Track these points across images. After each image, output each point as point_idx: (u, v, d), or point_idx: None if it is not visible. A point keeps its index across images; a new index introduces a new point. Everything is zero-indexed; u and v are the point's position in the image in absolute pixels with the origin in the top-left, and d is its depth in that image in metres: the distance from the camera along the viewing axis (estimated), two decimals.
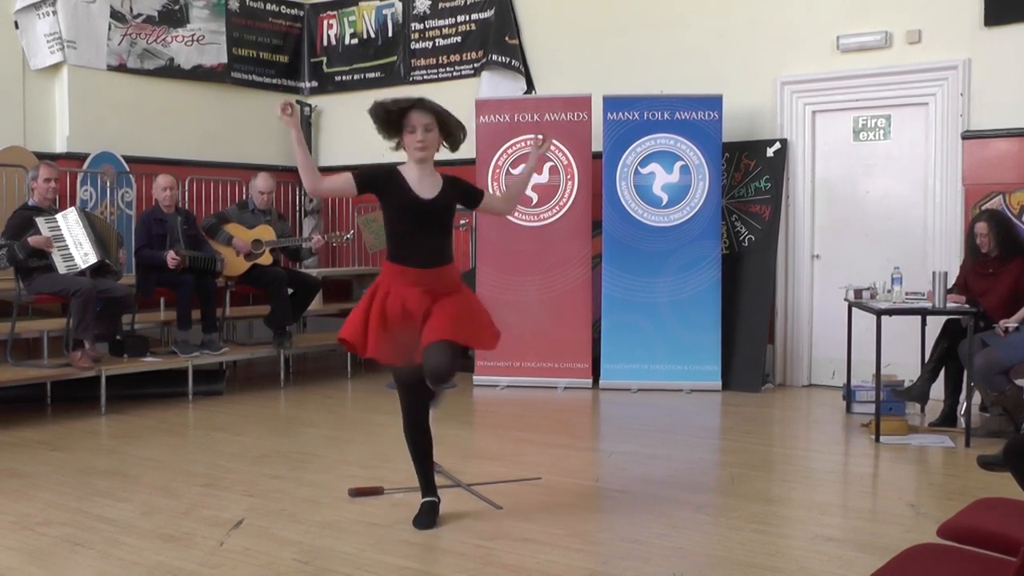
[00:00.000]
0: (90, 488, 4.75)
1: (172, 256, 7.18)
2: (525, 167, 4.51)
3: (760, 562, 3.66)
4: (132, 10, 8.77)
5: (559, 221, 7.85)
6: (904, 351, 6.79)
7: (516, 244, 7.81)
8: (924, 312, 6.08)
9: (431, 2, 9.56)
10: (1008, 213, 6.73)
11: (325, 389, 7.87)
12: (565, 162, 7.79)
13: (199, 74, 9.34)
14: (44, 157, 7.67)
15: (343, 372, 8.44)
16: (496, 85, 9.04)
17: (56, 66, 8.33)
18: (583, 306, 7.78)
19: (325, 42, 10.23)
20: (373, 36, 9.95)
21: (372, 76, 9.95)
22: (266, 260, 7.75)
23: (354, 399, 7.64)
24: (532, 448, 5.70)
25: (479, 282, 7.84)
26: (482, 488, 4.54)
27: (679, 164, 7.67)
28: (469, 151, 8.06)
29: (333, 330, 9.24)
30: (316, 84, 10.31)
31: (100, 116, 8.52)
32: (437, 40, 9.54)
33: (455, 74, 9.42)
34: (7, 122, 8.06)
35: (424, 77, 9.59)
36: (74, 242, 6.64)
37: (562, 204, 7.84)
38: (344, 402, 7.56)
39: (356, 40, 10.05)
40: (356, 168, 4.51)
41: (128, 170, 8.59)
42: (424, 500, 4.15)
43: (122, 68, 8.72)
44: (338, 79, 10.18)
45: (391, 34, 9.84)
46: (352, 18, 10.07)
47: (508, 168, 7.92)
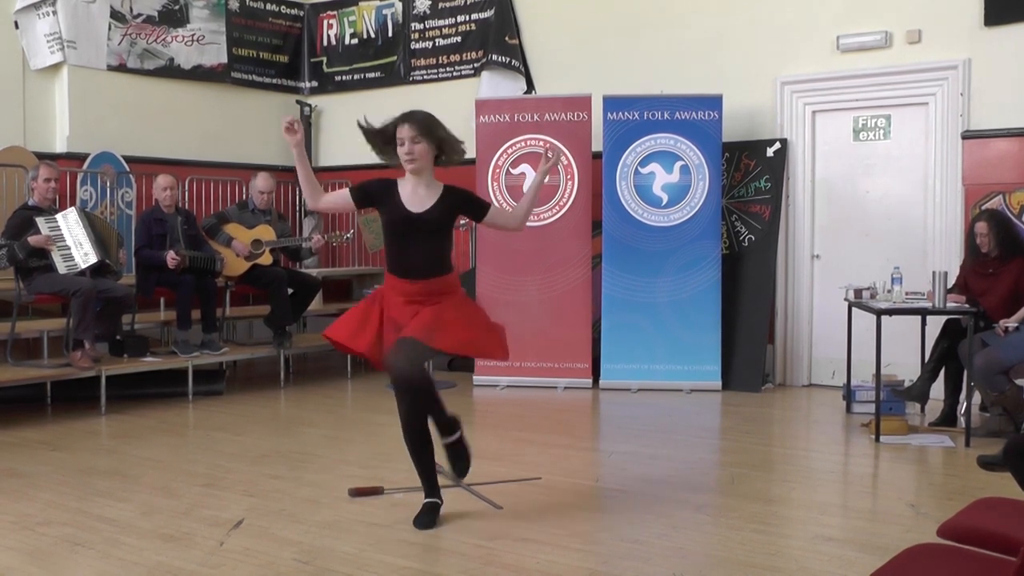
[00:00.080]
0: (90, 488, 4.75)
1: (172, 256, 7.18)
2: (532, 183, 4.27)
3: (760, 562, 3.66)
4: (132, 10, 8.76)
5: (559, 221, 7.85)
6: (904, 351, 6.79)
7: (516, 244, 7.80)
8: (924, 312, 6.08)
9: (431, 2, 9.55)
10: (1008, 213, 6.73)
11: (325, 389, 7.87)
12: (565, 162, 7.78)
13: (199, 74, 9.34)
14: (44, 157, 7.67)
15: (343, 372, 8.44)
16: (496, 85, 9.04)
17: (56, 66, 8.33)
18: (583, 306, 7.78)
19: (325, 42, 10.23)
20: (373, 36, 9.95)
21: (372, 76, 9.95)
22: (266, 260, 7.75)
23: (354, 399, 7.64)
24: (532, 448, 5.70)
25: (479, 282, 7.85)
26: (482, 488, 4.54)
27: (679, 164, 7.67)
28: (469, 151, 8.09)
29: None
30: (316, 84, 10.31)
31: (100, 116, 8.52)
32: (437, 40, 9.54)
33: (455, 74, 9.42)
34: (7, 122, 8.06)
35: (424, 77, 9.59)
36: (74, 242, 6.64)
37: (562, 204, 7.84)
38: (344, 402, 7.56)
39: (356, 40, 10.05)
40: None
41: (128, 170, 8.59)
42: (426, 501, 4.15)
43: (122, 68, 8.72)
44: (338, 79, 10.18)
45: (391, 34, 9.83)
46: (352, 18, 10.07)
47: (508, 168, 7.93)
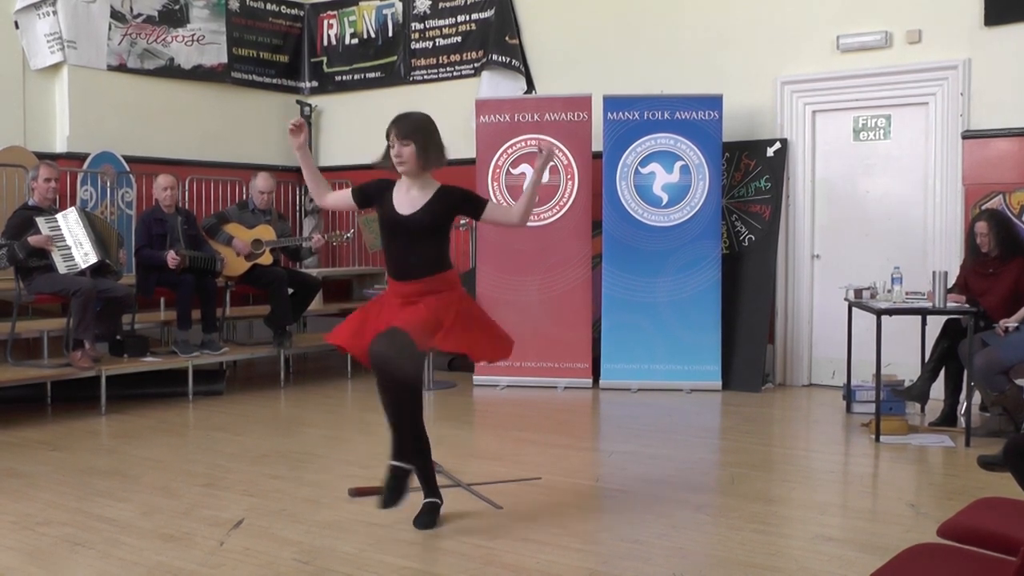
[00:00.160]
0: (90, 488, 4.75)
1: (172, 256, 7.18)
2: (530, 179, 4.16)
3: (760, 562, 3.66)
4: (132, 10, 8.76)
5: (559, 221, 7.85)
6: (904, 351, 6.79)
7: (516, 244, 7.81)
8: (924, 312, 6.08)
9: (431, 2, 9.55)
10: (1008, 213, 6.72)
11: (325, 389, 7.87)
12: (565, 162, 7.79)
13: (199, 74, 9.34)
14: (44, 157, 7.67)
15: (343, 372, 8.44)
16: (496, 85, 9.03)
17: (56, 66, 8.33)
18: (583, 306, 7.77)
19: (325, 42, 10.23)
20: (373, 36, 9.95)
21: (372, 76, 9.95)
22: (266, 260, 7.75)
23: (354, 399, 7.64)
24: (532, 448, 5.70)
25: (479, 282, 7.85)
26: (482, 488, 4.54)
27: (679, 164, 7.67)
28: (469, 151, 8.13)
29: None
30: (316, 84, 10.31)
31: (100, 116, 8.52)
32: (437, 40, 9.54)
33: (455, 74, 9.42)
34: (7, 122, 8.06)
35: (424, 77, 9.59)
36: (74, 242, 6.64)
37: (562, 204, 7.84)
38: (344, 402, 7.56)
39: (356, 40, 10.05)
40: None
41: (128, 170, 8.59)
42: (426, 500, 4.14)
43: (122, 68, 8.72)
44: (338, 79, 10.18)
45: (391, 34, 9.83)
46: (352, 18, 10.07)
47: (508, 168, 7.93)
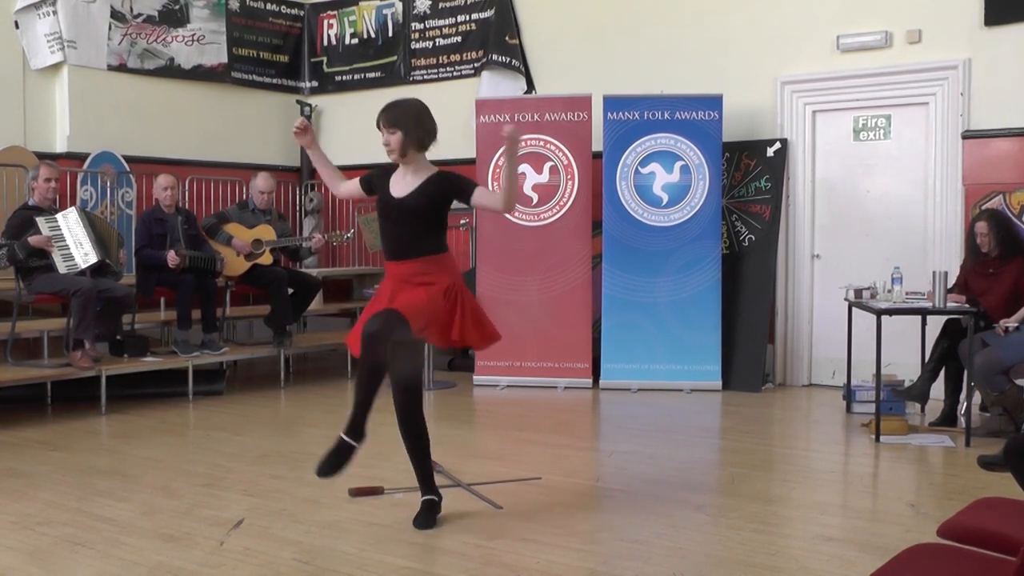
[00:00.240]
0: (90, 488, 4.75)
1: (172, 256, 7.18)
2: (504, 167, 4.13)
3: (760, 562, 3.66)
4: (132, 10, 8.76)
5: (559, 221, 7.85)
6: (904, 351, 6.79)
7: (516, 244, 7.81)
8: (924, 312, 6.08)
9: (431, 2, 9.55)
10: (1008, 213, 6.72)
11: (325, 389, 7.86)
12: (565, 162, 7.79)
13: (199, 74, 9.34)
14: (44, 157, 7.67)
15: (343, 372, 8.44)
16: (496, 85, 9.03)
17: (56, 66, 8.33)
18: (583, 306, 7.77)
19: (325, 42, 10.23)
20: (373, 36, 9.95)
21: (372, 76, 9.95)
22: (266, 260, 7.75)
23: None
24: (532, 448, 5.70)
25: (479, 282, 7.85)
26: (482, 488, 4.54)
27: (679, 164, 7.67)
28: (469, 151, 8.14)
29: (333, 330, 9.34)
30: (316, 84, 10.31)
31: (100, 116, 8.52)
32: (437, 40, 9.54)
33: (455, 74, 9.42)
34: (7, 122, 8.06)
35: (424, 77, 9.59)
36: (74, 242, 6.64)
37: (562, 204, 7.84)
38: (344, 402, 7.53)
39: (356, 40, 10.05)
40: (361, 167, 4.58)
41: (128, 170, 8.59)
42: (424, 498, 4.14)
43: (122, 68, 8.72)
44: (338, 79, 10.18)
45: (391, 34, 9.83)
46: (352, 18, 10.07)
47: None
